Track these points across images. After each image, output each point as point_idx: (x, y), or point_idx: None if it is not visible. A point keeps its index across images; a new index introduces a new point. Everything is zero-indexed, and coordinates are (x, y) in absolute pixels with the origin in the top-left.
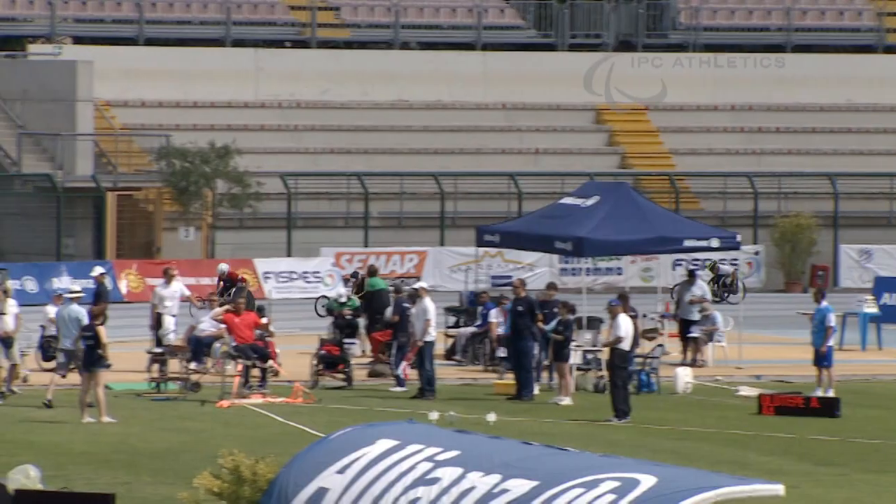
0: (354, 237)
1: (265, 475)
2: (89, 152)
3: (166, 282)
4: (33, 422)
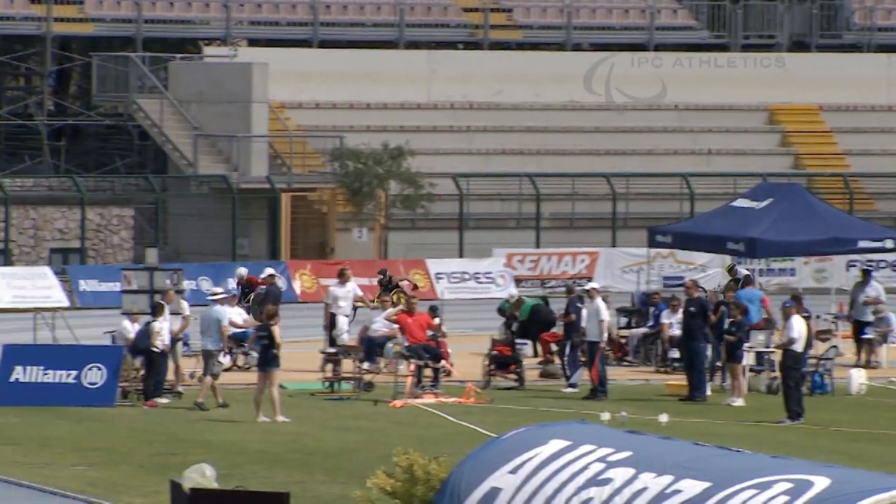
0: (526, 238)
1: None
2: (264, 154)
3: (340, 282)
4: (209, 421)
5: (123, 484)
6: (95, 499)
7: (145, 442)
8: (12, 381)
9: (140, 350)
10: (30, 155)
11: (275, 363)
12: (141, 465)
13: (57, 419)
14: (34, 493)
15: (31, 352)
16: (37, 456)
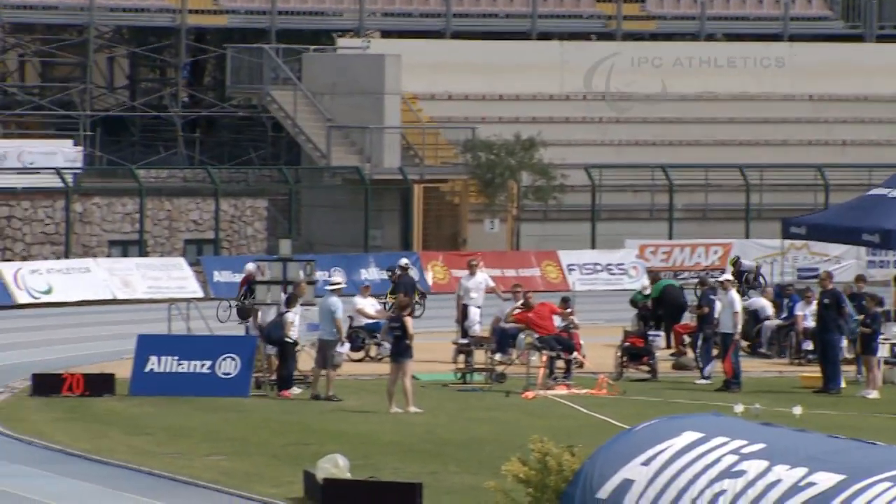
0: (659, 229)
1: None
2: (396, 145)
3: (471, 273)
4: (342, 411)
5: (257, 474)
6: (229, 489)
7: (278, 432)
8: (147, 371)
9: (273, 340)
10: (164, 146)
11: (407, 354)
12: (274, 456)
13: (191, 409)
14: (168, 482)
15: (165, 342)
16: (171, 446)
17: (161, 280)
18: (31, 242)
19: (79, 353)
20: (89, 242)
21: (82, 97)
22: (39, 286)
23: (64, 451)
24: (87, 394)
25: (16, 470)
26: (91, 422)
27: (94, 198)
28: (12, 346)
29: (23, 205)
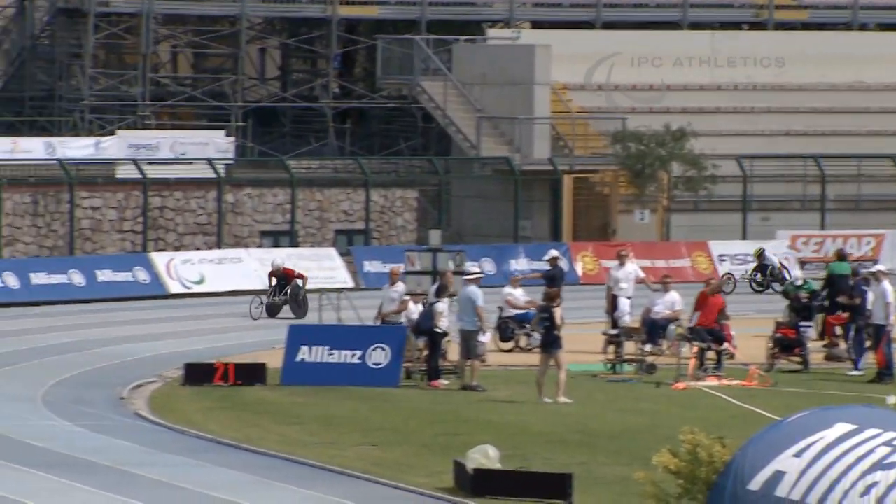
0: (810, 220)
1: (722, 457)
2: (546, 135)
3: (620, 264)
4: (491, 402)
5: (407, 464)
6: (380, 478)
7: (429, 422)
8: (298, 361)
9: (423, 331)
10: (315, 137)
11: (556, 345)
12: (425, 445)
13: (341, 399)
14: (319, 472)
15: (316, 332)
16: (322, 435)
17: (311, 270)
18: (183, 233)
19: (230, 343)
20: (241, 233)
21: (234, 88)
22: (192, 276)
23: (216, 440)
24: (239, 383)
25: (168, 459)
26: (242, 411)
27: (246, 188)
28: (165, 336)
29: (175, 195)
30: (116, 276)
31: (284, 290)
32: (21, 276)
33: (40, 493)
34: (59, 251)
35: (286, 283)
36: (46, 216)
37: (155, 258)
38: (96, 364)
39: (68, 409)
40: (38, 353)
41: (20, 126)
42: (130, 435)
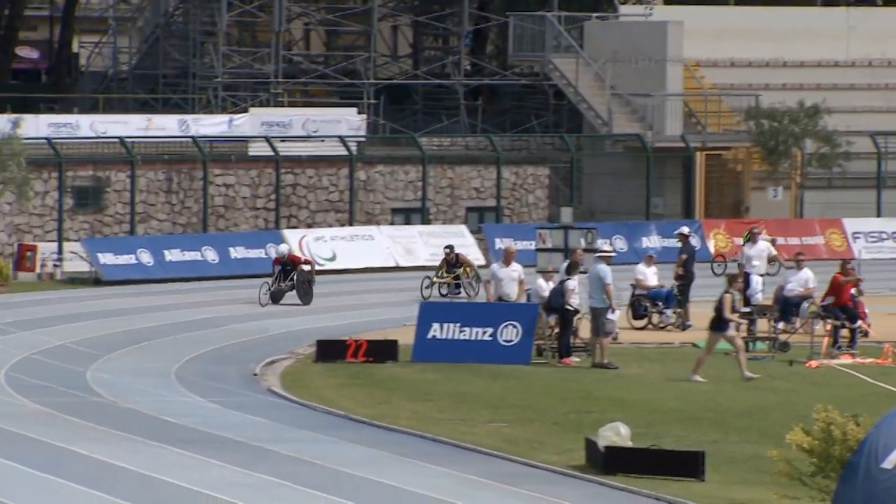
0: None
1: (856, 435)
2: (678, 112)
3: (753, 241)
4: (623, 379)
5: (538, 441)
6: (511, 455)
7: (560, 399)
8: (429, 337)
9: (554, 308)
10: (447, 114)
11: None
12: (556, 423)
13: (472, 376)
14: (451, 448)
15: (447, 309)
16: (453, 412)
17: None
18: (315, 210)
19: (362, 320)
20: (372, 210)
21: (366, 66)
22: (324, 253)
23: (348, 416)
24: (371, 360)
25: (301, 435)
26: (374, 388)
27: (378, 165)
28: (297, 313)
29: (307, 172)
30: (249, 253)
31: (290, 276)
32: (155, 253)
33: (174, 468)
34: (192, 228)
35: (292, 270)
36: (180, 193)
37: (287, 235)
38: (229, 340)
39: (202, 384)
40: (172, 329)
41: (154, 104)
42: (263, 411)
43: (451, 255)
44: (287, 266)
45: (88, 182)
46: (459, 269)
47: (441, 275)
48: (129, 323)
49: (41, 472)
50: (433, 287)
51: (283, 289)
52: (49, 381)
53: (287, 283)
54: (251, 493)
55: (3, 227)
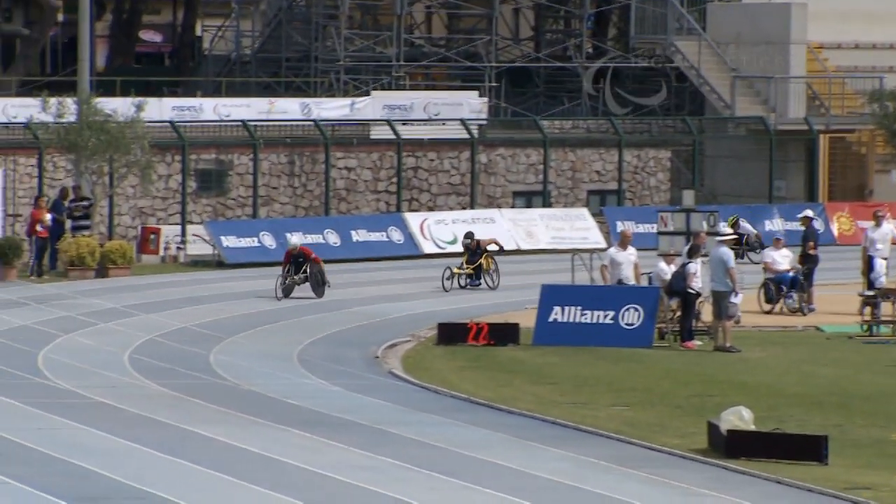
0: None
1: None
2: (802, 95)
3: (877, 224)
4: (746, 363)
5: (660, 425)
6: (633, 439)
7: (682, 383)
8: (551, 321)
9: (675, 291)
10: (568, 97)
11: None
12: (678, 407)
13: (594, 359)
14: (572, 432)
15: (569, 292)
16: (574, 396)
17: (564, 231)
18: (436, 193)
19: (483, 303)
20: (494, 193)
21: (487, 48)
22: (445, 236)
23: (469, 399)
24: (492, 343)
25: (421, 418)
26: (495, 371)
27: (499, 149)
28: (418, 296)
29: (429, 156)
30: (371, 236)
31: (303, 269)
32: (278, 236)
33: (295, 450)
34: (314, 211)
35: (304, 262)
36: (302, 176)
37: (409, 218)
38: (351, 323)
39: (324, 367)
40: (294, 312)
41: (277, 87)
42: (384, 394)
43: (472, 243)
44: (299, 259)
45: (211, 165)
46: (481, 258)
47: (461, 265)
48: (251, 306)
49: (165, 454)
50: (454, 278)
51: (296, 282)
52: (172, 364)
53: (300, 276)
54: (373, 476)
55: (126, 211)
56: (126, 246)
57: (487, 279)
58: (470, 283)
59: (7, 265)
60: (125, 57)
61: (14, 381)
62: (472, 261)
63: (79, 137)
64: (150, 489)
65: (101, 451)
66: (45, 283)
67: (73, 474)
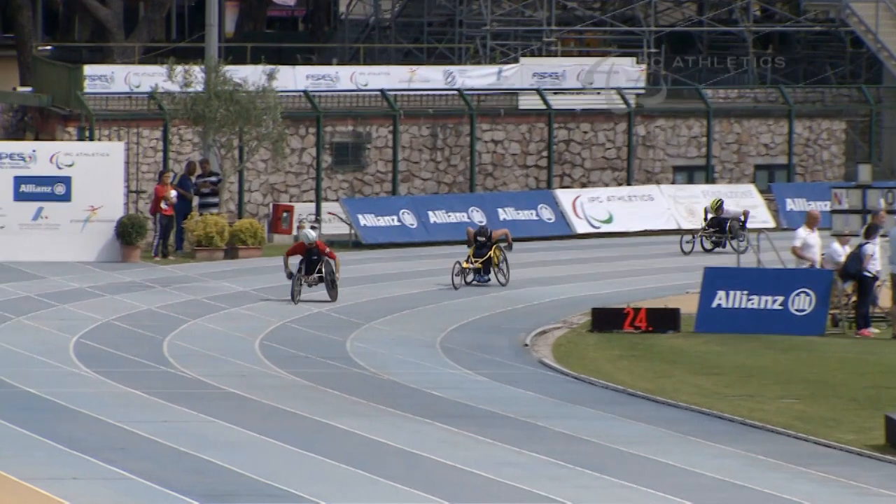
0: None
1: None
2: None
3: None
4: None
5: (833, 419)
6: (804, 434)
7: (857, 374)
8: (714, 306)
9: (850, 275)
10: (734, 64)
11: None
12: (853, 399)
13: (761, 347)
14: (737, 426)
15: (734, 276)
16: (740, 387)
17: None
18: (590, 168)
19: (641, 287)
20: (652, 168)
21: (646, 12)
22: (599, 215)
23: (626, 391)
24: (650, 330)
25: (575, 411)
26: (654, 360)
27: (658, 120)
28: (571, 279)
29: (582, 127)
30: (519, 215)
31: (317, 268)
32: (419, 215)
33: (439, 445)
34: (458, 188)
35: (318, 260)
36: (445, 150)
37: (560, 195)
38: (497, 308)
39: (468, 356)
40: (436, 296)
41: (418, 54)
42: (534, 385)
43: (482, 233)
44: (313, 256)
45: (348, 138)
46: (490, 250)
47: (468, 258)
48: (390, 289)
49: (297, 448)
50: (463, 274)
51: (310, 282)
52: (306, 351)
53: (313, 278)
54: (522, 473)
55: (257, 187)
56: (257, 225)
57: (499, 276)
58: (478, 279)
59: (130, 245)
60: (256, 22)
61: (138, 370)
62: (481, 254)
63: (206, 108)
64: (281, 485)
65: (229, 444)
66: (170, 265)
67: (200, 469)
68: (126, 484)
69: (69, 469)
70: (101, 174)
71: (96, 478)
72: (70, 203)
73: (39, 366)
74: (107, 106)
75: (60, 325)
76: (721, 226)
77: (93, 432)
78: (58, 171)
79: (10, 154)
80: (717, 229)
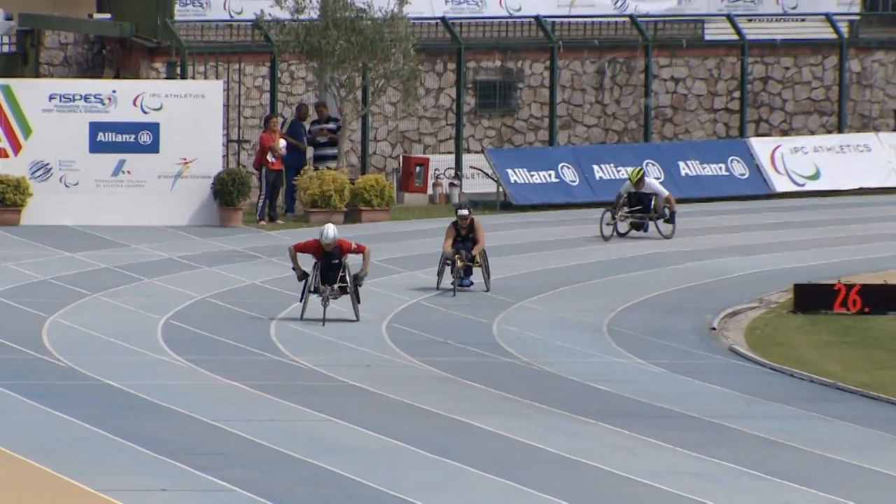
0: None
1: None
2: None
3: None
4: None
5: None
6: None
7: None
8: None
9: None
10: None
11: None
12: None
13: None
14: None
15: None
16: None
17: None
18: (792, 112)
19: (855, 258)
20: (869, 112)
21: None
22: (803, 169)
23: (836, 385)
24: (866, 311)
25: (773, 409)
26: (871, 348)
27: (876, 53)
28: (769, 248)
29: (782, 62)
30: (705, 169)
31: (340, 276)
32: (582, 169)
33: (605, 451)
34: (629, 136)
35: (339, 265)
36: (614, 91)
37: (755, 146)
38: (678, 284)
39: (642, 342)
40: (603, 269)
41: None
42: (722, 377)
43: (464, 223)
44: (333, 260)
45: (495, 76)
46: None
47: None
48: (547, 260)
49: (431, 453)
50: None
51: (331, 295)
52: (443, 336)
53: (335, 290)
54: (707, 485)
55: (384, 135)
56: (384, 182)
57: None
58: (459, 282)
59: (230, 206)
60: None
61: (241, 358)
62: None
63: (323, 39)
64: (412, 498)
65: (349, 448)
66: (278, 230)
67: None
68: (225, 497)
69: (156, 478)
70: (196, 120)
71: (188, 489)
72: (157, 155)
73: (120, 353)
74: (202, 37)
75: (145, 304)
76: (643, 205)
77: (184, 433)
78: (143, 115)
79: (84, 95)
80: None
